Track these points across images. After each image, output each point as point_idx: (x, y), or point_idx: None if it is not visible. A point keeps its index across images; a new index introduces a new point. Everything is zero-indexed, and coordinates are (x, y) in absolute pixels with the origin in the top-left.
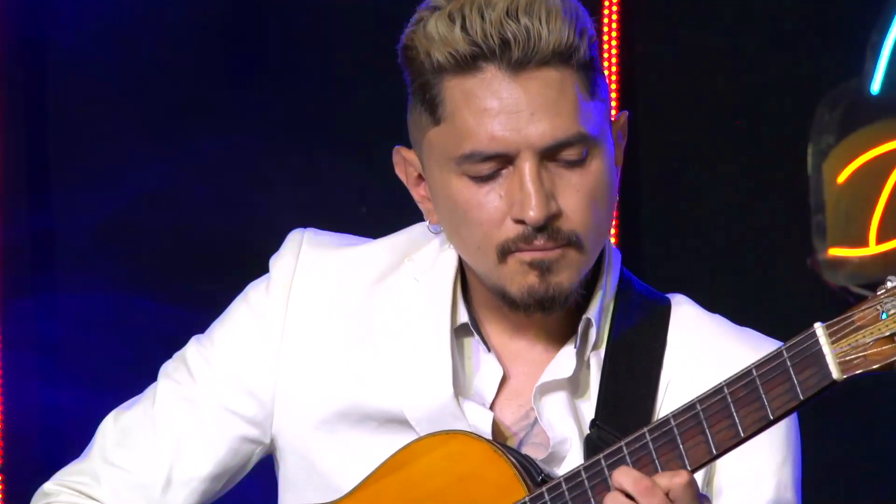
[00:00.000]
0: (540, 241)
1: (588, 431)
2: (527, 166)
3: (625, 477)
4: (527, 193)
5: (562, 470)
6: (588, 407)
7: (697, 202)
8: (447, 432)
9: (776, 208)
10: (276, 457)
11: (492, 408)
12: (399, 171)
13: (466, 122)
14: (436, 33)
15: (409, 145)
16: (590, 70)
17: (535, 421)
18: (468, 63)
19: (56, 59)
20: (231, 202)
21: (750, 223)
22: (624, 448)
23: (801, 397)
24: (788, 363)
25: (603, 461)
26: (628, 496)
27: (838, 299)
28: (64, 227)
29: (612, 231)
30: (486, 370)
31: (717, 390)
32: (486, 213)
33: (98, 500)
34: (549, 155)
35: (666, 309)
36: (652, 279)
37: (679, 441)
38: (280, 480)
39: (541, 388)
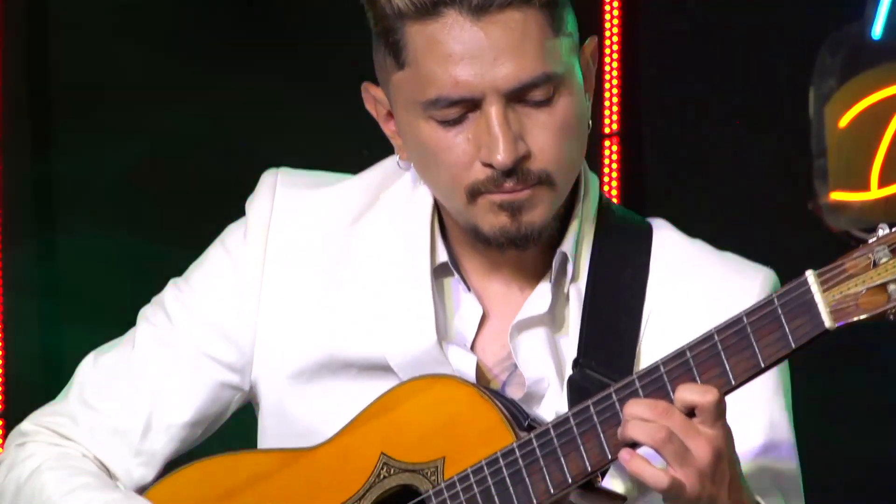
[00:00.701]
0: (509, 184)
1: (568, 369)
2: (493, 110)
3: (638, 405)
4: (494, 137)
5: (541, 409)
6: (568, 343)
7: (698, 144)
8: (431, 376)
9: (777, 152)
10: (255, 403)
11: (472, 348)
12: (369, 107)
13: (430, 69)
14: None
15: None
16: (553, 6)
17: (517, 366)
18: (429, 9)
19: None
20: (233, 147)
21: (751, 167)
22: (613, 395)
23: (793, 346)
24: (780, 311)
25: (592, 407)
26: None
27: (840, 243)
28: (65, 170)
29: (615, 184)
30: (465, 310)
31: (707, 337)
32: (455, 156)
33: (75, 442)
34: (515, 97)
35: (647, 235)
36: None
37: (669, 389)
38: (260, 426)
39: (517, 326)
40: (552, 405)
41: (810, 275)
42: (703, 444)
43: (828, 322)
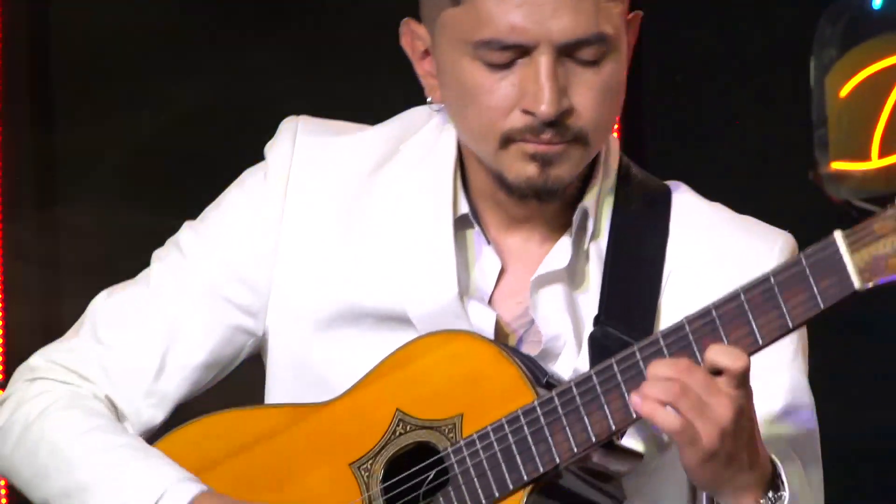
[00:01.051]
0: (546, 136)
1: (586, 327)
2: (544, 60)
3: (657, 366)
4: (541, 87)
5: (556, 366)
6: (587, 300)
7: (699, 116)
8: (449, 332)
9: (778, 123)
10: (265, 351)
11: (490, 302)
12: (405, 44)
13: (488, 8)
14: None
15: (419, 18)
16: None
17: (534, 321)
18: None
19: None
20: (238, 120)
21: (752, 137)
22: (637, 353)
23: (822, 306)
24: (808, 271)
25: (615, 366)
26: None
27: (841, 213)
28: (67, 142)
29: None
30: (484, 263)
31: (734, 296)
32: (496, 100)
33: (86, 379)
34: (566, 51)
35: (666, 196)
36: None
37: (695, 348)
38: (269, 373)
39: (537, 282)
40: (568, 362)
41: (838, 235)
42: (725, 401)
43: (857, 283)
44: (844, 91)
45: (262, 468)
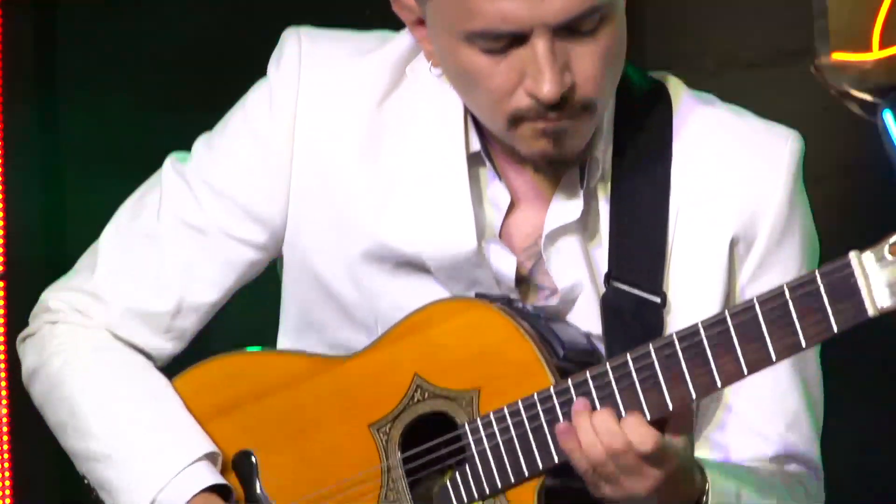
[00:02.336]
0: (554, 115)
1: (600, 274)
2: (540, 43)
3: (605, 422)
4: (541, 71)
5: (573, 314)
6: (600, 253)
7: (699, 9)
8: (467, 300)
9: (781, 16)
10: (282, 265)
11: (500, 236)
12: (396, 9)
13: (476, 1)
14: None
15: None
16: None
17: (541, 251)
18: None
19: None
20: (239, 10)
21: (754, 29)
22: (653, 353)
23: (835, 330)
24: (822, 291)
25: (631, 363)
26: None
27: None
28: (67, 32)
29: None
30: (495, 198)
31: (748, 307)
32: (496, 84)
33: (105, 323)
34: (562, 29)
35: (666, 109)
36: None
37: (709, 356)
38: (285, 287)
39: (550, 235)
40: (584, 313)
41: (853, 256)
42: (641, 480)
43: (870, 310)
44: None
45: (282, 418)
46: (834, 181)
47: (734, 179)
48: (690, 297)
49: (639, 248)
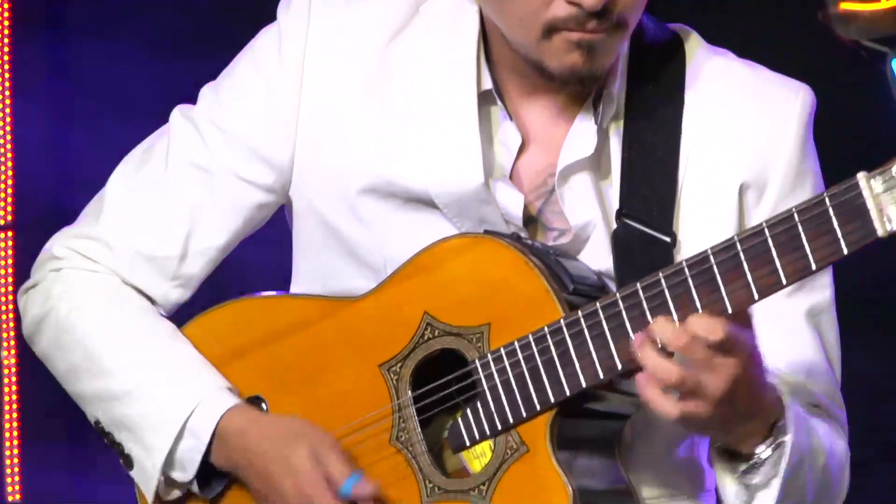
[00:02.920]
0: (592, 24)
1: (612, 211)
2: None
3: (663, 328)
4: None
5: (585, 252)
6: (612, 191)
7: None
8: (475, 236)
9: None
10: (291, 213)
11: (511, 177)
12: None
13: None
14: None
15: None
16: None
17: (553, 189)
18: None
19: None
20: None
21: None
22: (663, 281)
23: (845, 251)
24: (831, 212)
25: (641, 292)
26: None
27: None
28: None
29: None
30: (505, 138)
31: (758, 232)
32: None
33: (111, 268)
34: None
35: (679, 56)
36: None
37: (720, 282)
38: (295, 237)
39: (564, 172)
40: (596, 250)
41: (861, 178)
42: (717, 376)
43: (880, 230)
44: None
45: (293, 361)
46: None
47: (746, 127)
48: (699, 238)
49: (650, 188)
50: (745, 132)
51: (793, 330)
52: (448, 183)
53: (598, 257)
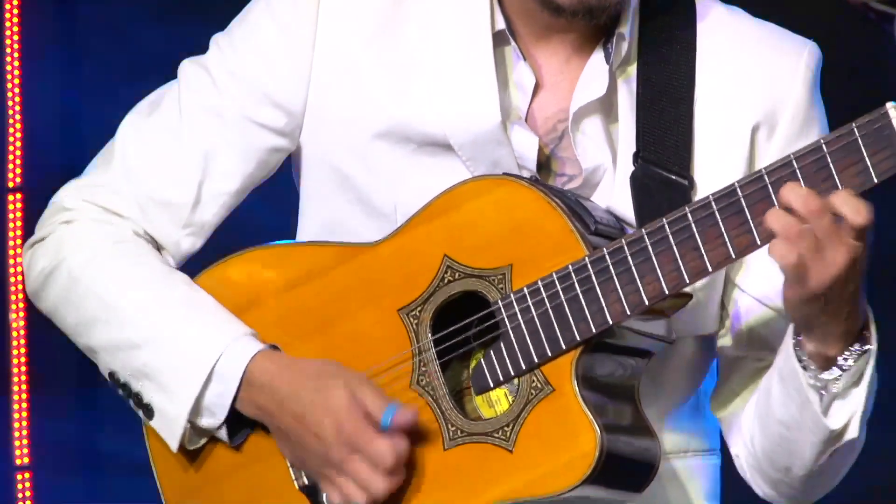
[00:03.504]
0: None
1: (623, 156)
2: None
3: (792, 191)
4: None
5: (596, 197)
6: (622, 134)
7: None
8: (495, 177)
9: None
10: (299, 163)
11: (525, 119)
12: None
13: None
14: None
15: None
16: None
17: (562, 134)
18: None
19: None
20: None
21: None
22: (689, 216)
23: (875, 180)
24: (860, 142)
25: (667, 227)
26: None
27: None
28: None
29: None
30: (520, 79)
31: (786, 163)
32: None
33: (122, 216)
34: None
35: (690, 9)
36: None
37: (747, 213)
38: (303, 187)
39: (577, 115)
40: (608, 193)
41: (891, 107)
42: (843, 249)
43: None
44: None
45: (309, 308)
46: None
47: (757, 71)
48: (715, 181)
49: (665, 131)
50: (755, 76)
51: None
52: (465, 123)
53: (608, 201)
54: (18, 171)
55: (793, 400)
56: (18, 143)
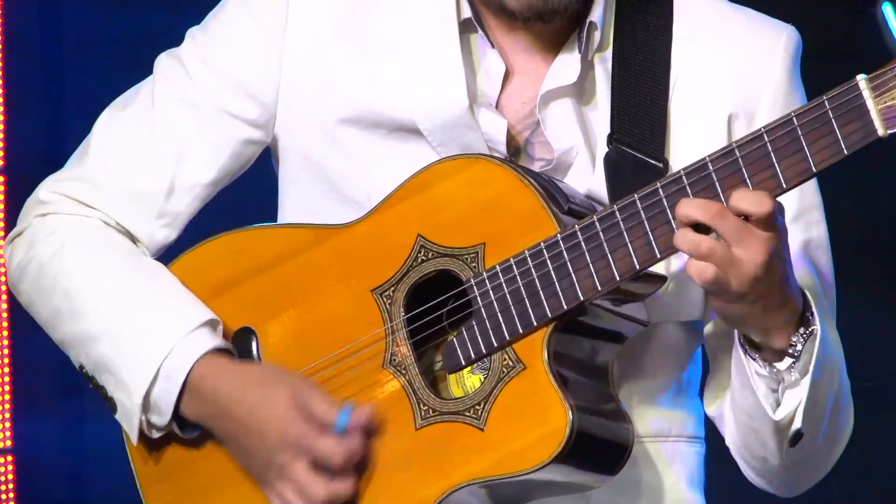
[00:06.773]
0: None
1: (597, 140)
2: None
3: (689, 206)
4: None
5: (569, 179)
6: (596, 116)
7: None
8: (468, 156)
9: None
10: (276, 155)
11: (496, 107)
12: None
13: None
14: None
15: None
16: None
17: (539, 121)
18: None
19: None
20: None
21: None
22: (661, 190)
23: (846, 152)
24: (831, 115)
25: (639, 203)
26: (697, 228)
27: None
28: None
29: None
30: (489, 67)
31: (757, 137)
32: None
33: (97, 209)
34: None
35: None
36: None
37: (718, 188)
38: (281, 179)
39: (545, 97)
40: (581, 176)
41: (861, 80)
42: (756, 245)
43: (880, 130)
44: None
45: (282, 289)
46: None
47: (734, 58)
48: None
49: (640, 114)
50: (733, 63)
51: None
52: (432, 108)
53: (582, 183)
54: (1, 153)
55: (747, 388)
56: (1, 127)
